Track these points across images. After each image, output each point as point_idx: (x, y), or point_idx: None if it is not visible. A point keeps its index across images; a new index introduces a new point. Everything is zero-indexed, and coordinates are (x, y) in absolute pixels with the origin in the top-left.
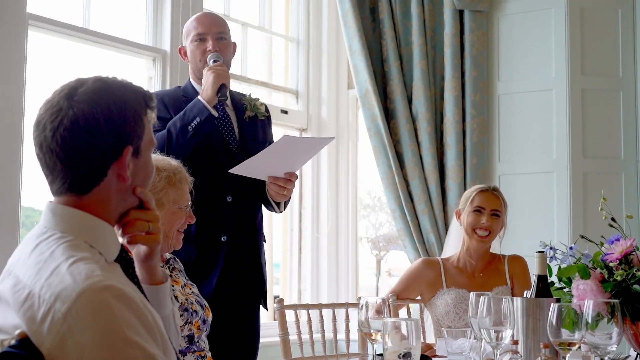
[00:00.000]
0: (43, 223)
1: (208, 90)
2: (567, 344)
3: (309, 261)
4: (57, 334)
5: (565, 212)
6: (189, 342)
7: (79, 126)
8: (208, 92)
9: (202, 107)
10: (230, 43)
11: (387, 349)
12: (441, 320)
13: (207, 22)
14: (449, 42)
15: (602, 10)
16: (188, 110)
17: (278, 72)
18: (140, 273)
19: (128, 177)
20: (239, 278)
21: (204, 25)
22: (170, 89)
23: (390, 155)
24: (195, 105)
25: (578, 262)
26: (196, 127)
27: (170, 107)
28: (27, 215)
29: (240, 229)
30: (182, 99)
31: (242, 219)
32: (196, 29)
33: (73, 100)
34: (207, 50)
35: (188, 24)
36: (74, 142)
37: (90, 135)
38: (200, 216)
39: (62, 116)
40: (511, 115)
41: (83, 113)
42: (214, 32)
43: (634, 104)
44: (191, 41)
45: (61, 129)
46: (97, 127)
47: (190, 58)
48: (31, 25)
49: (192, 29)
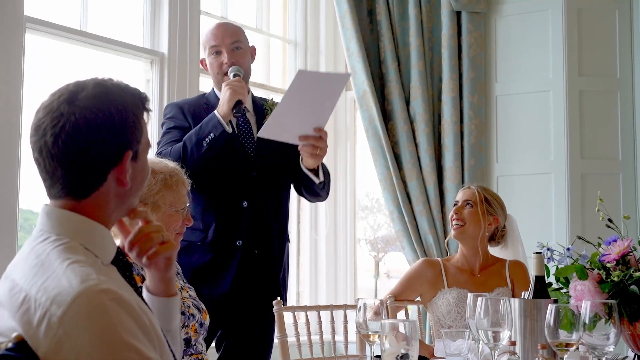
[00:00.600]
0: (39, 226)
1: (224, 106)
2: (564, 345)
3: (307, 263)
4: (53, 337)
5: (563, 213)
6: (186, 345)
7: (81, 132)
8: (224, 108)
9: (217, 123)
10: (247, 50)
11: (385, 351)
12: (442, 320)
13: (219, 34)
14: (447, 44)
15: (599, 11)
16: (204, 124)
17: (276, 74)
18: (158, 286)
19: (128, 182)
20: (255, 281)
21: (217, 37)
22: (193, 97)
23: (388, 157)
24: (210, 120)
25: (575, 263)
26: (210, 142)
27: (189, 116)
28: (25, 218)
29: (258, 233)
30: (204, 107)
31: (259, 223)
32: (210, 41)
33: (74, 105)
34: (223, 63)
35: (204, 36)
36: (76, 148)
37: (92, 141)
38: (217, 221)
39: (64, 122)
40: (509, 117)
41: (85, 119)
42: (228, 44)
43: (632, 105)
44: (208, 54)
45: (63, 134)
46: (99, 133)
47: (210, 70)
48: (29, 28)
49: (207, 42)
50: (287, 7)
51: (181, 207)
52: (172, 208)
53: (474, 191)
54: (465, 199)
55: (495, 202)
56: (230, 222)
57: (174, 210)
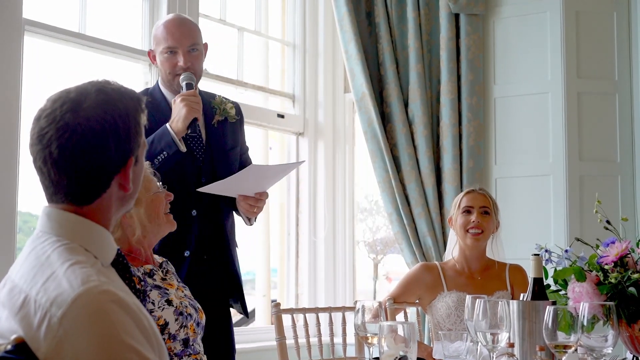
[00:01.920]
0: (39, 227)
1: (179, 123)
2: (563, 347)
3: (306, 265)
4: (53, 339)
5: (562, 215)
6: (184, 346)
7: (88, 143)
8: (179, 125)
9: (171, 142)
10: (202, 50)
11: (383, 353)
12: (442, 323)
13: (177, 35)
14: (445, 46)
15: (597, 13)
16: (156, 140)
17: (274, 76)
18: None
19: (130, 187)
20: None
21: (174, 38)
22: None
23: (386, 159)
24: (163, 136)
25: (574, 265)
26: (163, 160)
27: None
28: (25, 221)
29: (207, 242)
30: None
31: (208, 232)
32: (166, 40)
33: (80, 116)
34: (177, 65)
35: (158, 30)
36: (82, 159)
37: (98, 151)
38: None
39: (70, 133)
40: (507, 119)
41: (92, 130)
42: (185, 46)
43: (630, 107)
44: (161, 52)
45: (70, 145)
46: (105, 142)
47: (160, 67)
48: (27, 30)
49: (162, 40)
50: (286, 9)
51: (156, 188)
52: (150, 192)
53: (486, 197)
54: (482, 206)
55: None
56: (178, 232)
57: (152, 194)
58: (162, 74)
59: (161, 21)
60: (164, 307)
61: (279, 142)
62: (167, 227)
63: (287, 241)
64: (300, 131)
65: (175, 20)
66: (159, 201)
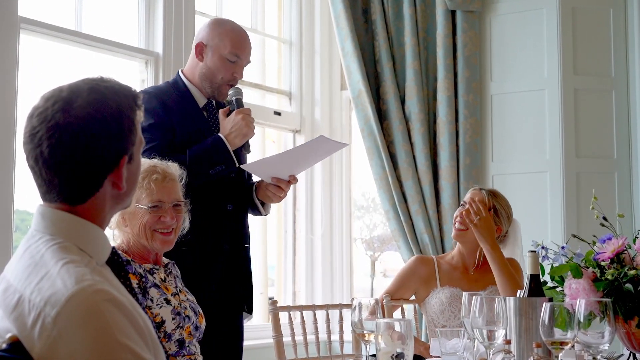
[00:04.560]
0: (33, 226)
1: (236, 140)
2: (559, 343)
3: (303, 263)
4: (47, 338)
5: (559, 211)
6: (179, 347)
7: (79, 142)
8: (236, 142)
9: (230, 157)
10: None
11: (380, 350)
12: (436, 319)
13: (247, 49)
14: (442, 43)
15: (594, 10)
16: (213, 151)
17: (271, 73)
18: None
19: (124, 186)
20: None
21: (245, 50)
22: (162, 85)
23: (383, 156)
24: (220, 150)
25: (570, 262)
26: (218, 172)
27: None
28: (21, 219)
29: (238, 237)
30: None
31: (239, 227)
32: (236, 48)
33: (71, 115)
34: (233, 75)
35: (229, 32)
36: (73, 158)
37: (89, 150)
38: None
39: (61, 132)
40: (504, 116)
41: (82, 129)
42: (246, 61)
43: (627, 104)
44: (224, 54)
45: (60, 145)
46: (96, 142)
47: (211, 66)
48: (23, 28)
49: (229, 44)
50: (282, 6)
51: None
52: (137, 205)
53: (484, 197)
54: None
55: (502, 212)
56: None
57: (137, 207)
58: (207, 73)
59: (230, 24)
60: (162, 305)
61: (276, 140)
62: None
63: (285, 238)
64: (297, 128)
65: (244, 32)
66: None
